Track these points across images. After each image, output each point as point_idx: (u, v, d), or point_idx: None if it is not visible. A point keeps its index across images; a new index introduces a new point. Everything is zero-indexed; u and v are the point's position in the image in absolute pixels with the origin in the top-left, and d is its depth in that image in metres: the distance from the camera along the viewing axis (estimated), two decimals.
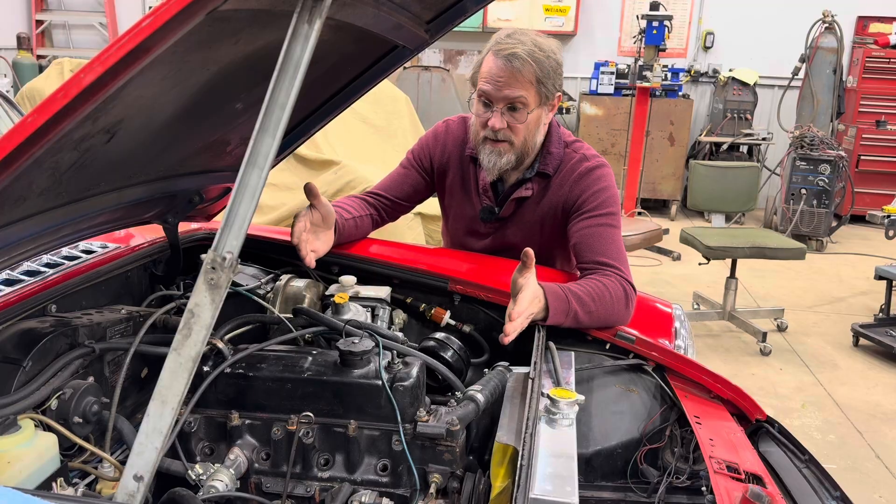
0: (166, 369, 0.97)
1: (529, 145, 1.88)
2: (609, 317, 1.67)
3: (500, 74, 1.77)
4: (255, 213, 0.99)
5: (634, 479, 1.49)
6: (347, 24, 1.30)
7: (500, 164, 1.87)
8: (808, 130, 6.60)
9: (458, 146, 2.05)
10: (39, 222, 1.18)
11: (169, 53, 0.93)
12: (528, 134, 1.85)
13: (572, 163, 1.93)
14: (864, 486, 2.96)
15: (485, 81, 1.80)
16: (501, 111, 1.80)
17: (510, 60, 1.75)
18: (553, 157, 1.93)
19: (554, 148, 1.94)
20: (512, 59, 1.75)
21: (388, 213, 2.11)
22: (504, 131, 1.82)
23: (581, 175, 1.91)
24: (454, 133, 2.07)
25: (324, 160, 3.97)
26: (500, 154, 1.86)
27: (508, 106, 1.80)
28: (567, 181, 1.92)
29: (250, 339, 1.55)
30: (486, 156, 1.88)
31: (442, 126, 2.12)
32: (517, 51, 1.76)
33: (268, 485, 1.31)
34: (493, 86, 1.79)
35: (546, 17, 8.13)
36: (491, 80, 1.79)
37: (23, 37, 8.24)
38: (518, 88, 1.78)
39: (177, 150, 1.45)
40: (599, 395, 1.55)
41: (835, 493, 1.27)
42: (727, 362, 4.17)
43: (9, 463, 1.09)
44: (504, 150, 1.86)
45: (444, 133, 2.09)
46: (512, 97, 1.78)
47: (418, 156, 2.10)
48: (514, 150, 1.86)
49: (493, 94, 1.79)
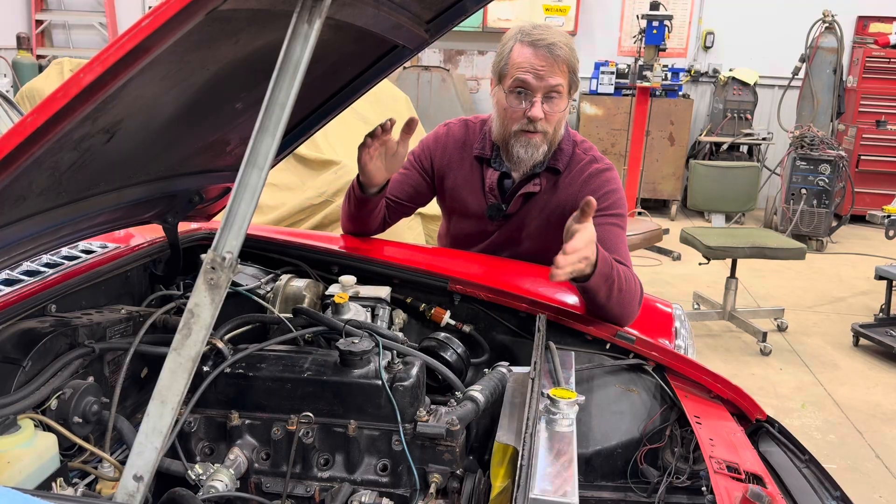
0: (166, 369, 0.97)
1: (558, 136, 1.91)
2: (628, 306, 1.68)
3: (541, 63, 1.79)
4: (255, 212, 0.99)
5: (634, 479, 1.49)
6: (347, 23, 1.30)
7: (537, 156, 1.89)
8: (808, 130, 6.60)
9: (459, 148, 2.06)
10: (39, 222, 1.18)
11: (168, 53, 0.93)
12: (558, 125, 1.89)
13: (583, 163, 1.95)
14: (864, 486, 2.96)
15: (523, 71, 1.81)
16: (541, 100, 1.82)
17: (551, 50, 1.78)
18: (564, 153, 1.95)
19: (564, 145, 1.96)
20: (553, 48, 1.78)
21: (390, 215, 2.11)
22: (542, 122, 1.84)
23: (591, 176, 1.93)
24: (455, 136, 2.08)
25: (324, 160, 3.97)
26: (536, 146, 1.88)
27: (546, 96, 1.82)
28: (577, 181, 1.93)
29: (250, 339, 1.55)
30: (521, 148, 1.88)
31: (443, 129, 2.12)
32: (555, 40, 1.79)
33: (268, 485, 1.31)
34: (533, 74, 1.80)
35: (546, 16, 8.13)
36: (531, 70, 1.80)
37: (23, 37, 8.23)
38: (559, 76, 1.81)
39: (177, 150, 1.45)
40: (599, 395, 1.55)
41: (835, 493, 1.27)
42: (727, 362, 4.17)
43: (9, 463, 1.09)
44: (539, 142, 1.88)
45: (444, 136, 2.09)
46: (553, 85, 1.80)
47: (419, 157, 2.11)
48: (546, 140, 1.89)
49: (533, 83, 1.80)
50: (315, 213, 3.81)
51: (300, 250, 1.93)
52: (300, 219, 3.82)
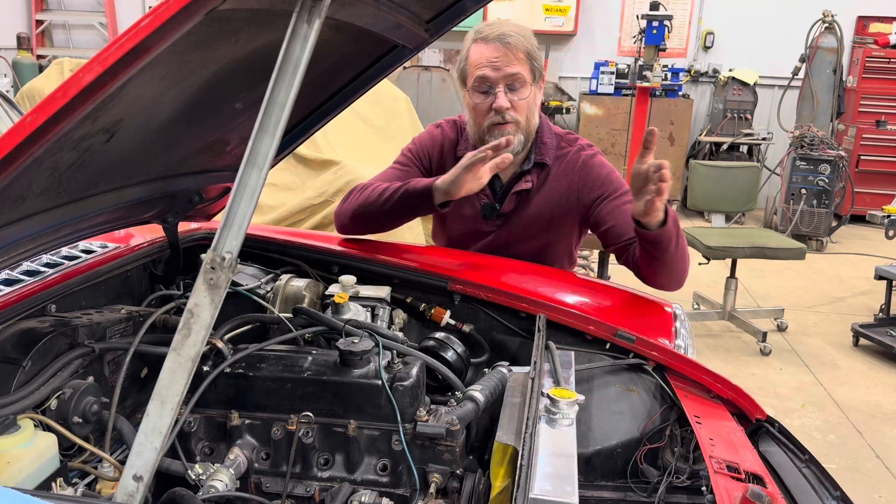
0: (166, 369, 0.97)
1: (532, 125, 1.93)
2: (686, 263, 1.77)
3: (495, 55, 1.82)
4: (254, 212, 0.99)
5: (634, 479, 1.49)
6: (347, 23, 1.30)
7: (514, 146, 1.89)
8: (808, 130, 6.60)
9: (453, 148, 2.07)
10: (39, 222, 1.18)
11: (168, 53, 0.93)
12: (529, 112, 1.91)
13: (572, 153, 1.97)
14: (864, 486, 2.96)
15: (480, 67, 1.84)
16: (504, 91, 1.84)
17: (502, 40, 1.81)
18: (548, 146, 1.98)
19: (547, 138, 1.99)
20: (503, 37, 1.82)
21: None
22: (510, 112, 1.86)
23: (585, 163, 1.97)
24: (448, 136, 2.10)
25: (324, 160, 3.97)
26: (510, 137, 1.88)
27: (508, 86, 1.84)
28: (571, 171, 1.95)
29: (250, 339, 1.54)
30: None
31: (437, 129, 2.13)
32: (504, 31, 1.83)
33: (268, 485, 1.31)
34: (490, 67, 1.83)
35: (546, 16, 8.13)
36: (487, 63, 1.83)
37: (23, 37, 8.24)
38: (516, 65, 1.83)
39: (176, 150, 1.45)
40: (599, 395, 1.55)
41: (835, 493, 1.27)
42: (727, 362, 4.17)
43: (8, 463, 1.09)
44: (512, 132, 1.89)
45: (440, 136, 2.10)
46: (511, 74, 1.83)
47: (417, 154, 2.11)
48: (520, 129, 1.91)
49: (492, 75, 1.84)
50: (315, 213, 3.81)
51: (300, 250, 1.93)
52: (300, 219, 3.83)
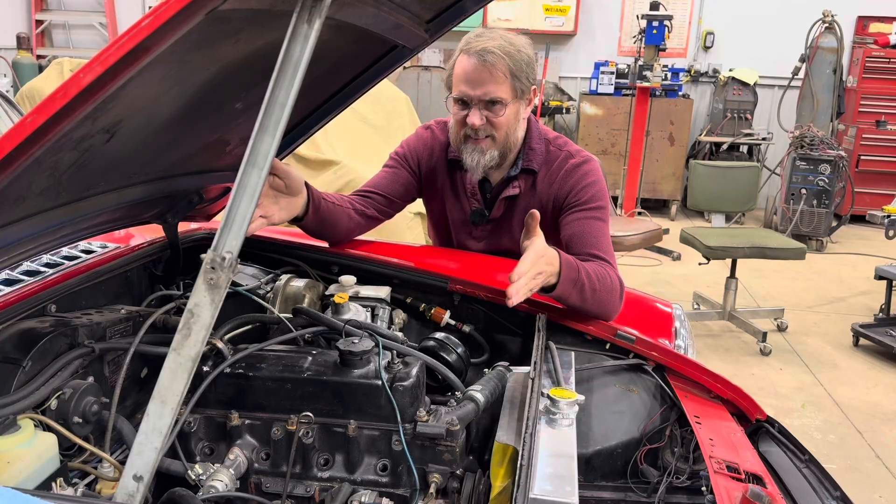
0: (166, 369, 0.97)
1: (511, 140, 1.89)
2: (607, 303, 1.67)
3: (474, 73, 1.78)
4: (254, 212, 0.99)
5: (634, 479, 1.49)
6: (347, 23, 1.30)
7: (484, 161, 1.87)
8: (808, 130, 6.60)
9: (443, 150, 2.05)
10: (39, 222, 1.18)
11: (168, 53, 0.93)
12: (508, 129, 1.86)
13: (559, 160, 1.94)
14: (864, 486, 2.96)
15: (461, 81, 1.81)
16: (479, 108, 1.81)
17: (483, 56, 1.76)
18: (536, 152, 1.94)
19: (535, 144, 1.95)
20: (484, 54, 1.76)
21: (382, 211, 2.09)
22: (484, 127, 1.83)
23: (569, 171, 1.92)
24: (438, 138, 2.07)
25: (324, 160, 3.97)
26: (482, 151, 1.87)
27: (485, 104, 1.81)
28: (555, 178, 1.92)
29: (250, 339, 1.55)
30: (468, 154, 1.88)
31: (426, 130, 2.11)
32: (488, 46, 1.77)
33: (268, 485, 1.31)
34: (468, 84, 1.79)
35: (546, 16, 8.12)
36: (466, 79, 1.79)
37: (23, 37, 8.23)
38: (492, 85, 1.78)
39: (176, 150, 1.45)
40: (599, 395, 1.55)
41: (835, 493, 1.27)
42: (727, 362, 4.17)
43: (8, 463, 1.09)
44: (486, 147, 1.86)
45: (429, 138, 2.08)
46: (487, 93, 1.79)
47: (406, 157, 2.09)
48: (496, 145, 1.87)
49: (469, 92, 1.80)
50: None
51: (300, 250, 1.93)
52: None
